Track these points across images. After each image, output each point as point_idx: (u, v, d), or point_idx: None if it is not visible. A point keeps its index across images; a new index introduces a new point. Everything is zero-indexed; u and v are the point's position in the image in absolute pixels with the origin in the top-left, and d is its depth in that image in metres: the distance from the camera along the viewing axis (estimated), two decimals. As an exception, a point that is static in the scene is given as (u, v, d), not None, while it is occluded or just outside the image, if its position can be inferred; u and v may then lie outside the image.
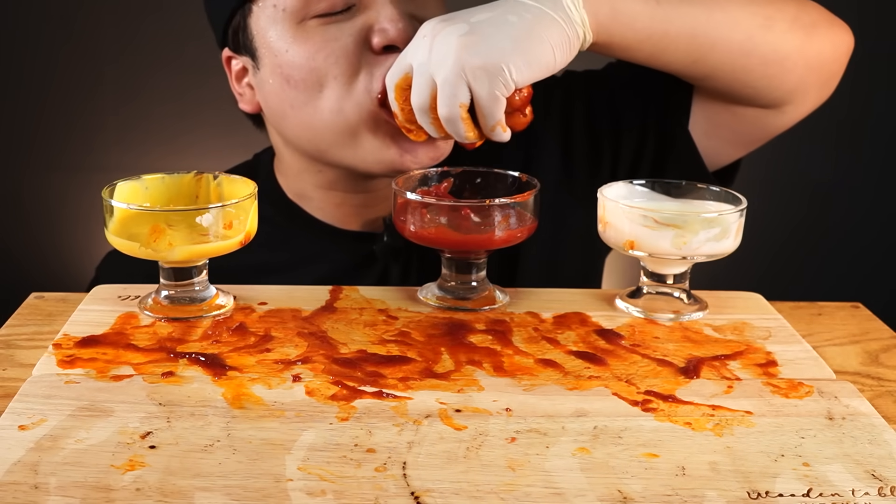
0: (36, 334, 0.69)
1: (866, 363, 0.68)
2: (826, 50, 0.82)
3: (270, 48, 0.84)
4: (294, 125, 0.87)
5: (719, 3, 0.79)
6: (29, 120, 1.82)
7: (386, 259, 0.91)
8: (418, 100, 0.74)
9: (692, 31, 0.78)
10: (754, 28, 0.79)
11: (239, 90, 0.92)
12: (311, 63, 0.82)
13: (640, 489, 0.50)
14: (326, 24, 0.82)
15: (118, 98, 1.82)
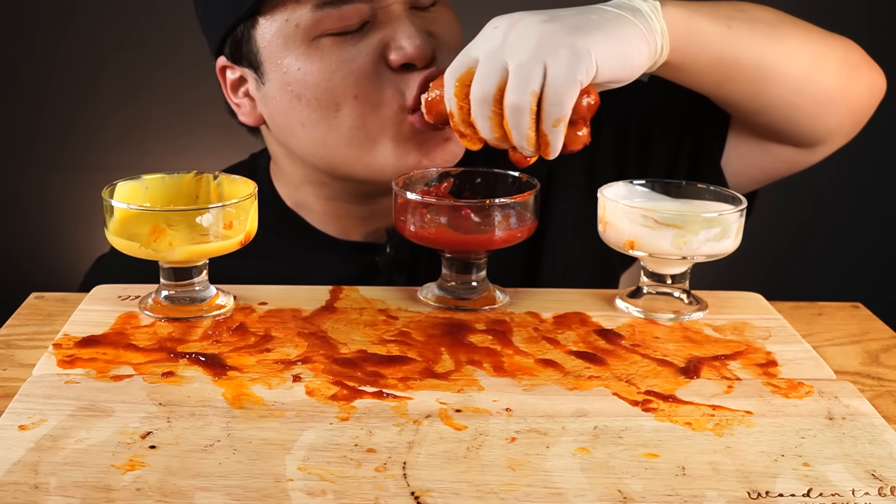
0: (36, 334, 0.69)
1: (866, 363, 0.68)
2: (864, 93, 0.82)
3: (279, 64, 0.82)
4: (304, 142, 0.85)
5: (781, 36, 0.78)
6: (29, 120, 1.82)
7: (389, 271, 0.90)
8: (482, 88, 0.68)
9: (759, 61, 0.77)
10: (810, 65, 0.78)
11: (236, 101, 0.89)
12: (326, 83, 0.80)
13: (640, 489, 0.50)
14: (340, 43, 0.80)
15: (118, 98, 1.82)
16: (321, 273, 0.90)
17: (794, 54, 0.77)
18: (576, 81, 0.65)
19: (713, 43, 0.74)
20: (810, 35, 0.79)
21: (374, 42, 0.81)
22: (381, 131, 0.82)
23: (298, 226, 0.93)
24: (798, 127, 0.82)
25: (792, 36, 0.78)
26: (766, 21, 0.78)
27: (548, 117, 0.66)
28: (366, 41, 0.81)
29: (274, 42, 0.82)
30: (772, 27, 0.77)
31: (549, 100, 0.66)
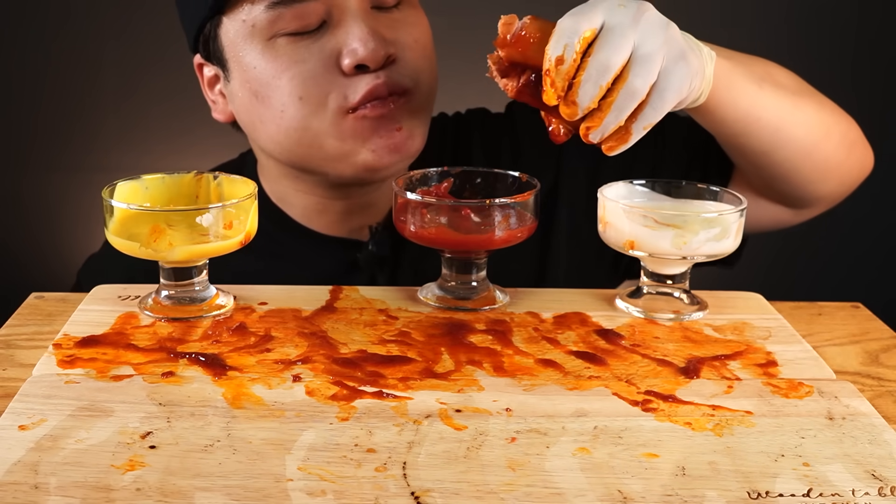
0: (36, 334, 0.69)
1: (866, 363, 0.68)
2: (856, 167, 0.86)
3: (240, 62, 0.84)
4: (264, 138, 0.87)
5: (799, 104, 0.80)
6: (29, 120, 1.82)
7: (370, 268, 0.91)
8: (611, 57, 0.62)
9: (777, 123, 0.79)
10: (819, 134, 0.81)
11: (212, 97, 0.92)
12: (276, 82, 0.82)
13: (640, 489, 0.50)
14: (296, 43, 0.81)
15: (118, 98, 1.82)
16: (303, 268, 0.91)
17: (808, 122, 0.80)
18: (681, 94, 0.65)
19: (745, 99, 0.76)
20: (823, 107, 0.83)
21: (328, 47, 0.81)
22: (323, 132, 0.83)
23: (282, 220, 0.94)
24: (795, 188, 0.85)
25: (808, 105, 0.81)
26: (789, 87, 0.81)
27: (643, 117, 0.64)
28: (320, 43, 0.81)
29: (235, 41, 0.84)
30: (793, 94, 0.80)
31: (652, 102, 0.64)
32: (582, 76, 0.62)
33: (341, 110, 0.81)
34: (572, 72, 0.62)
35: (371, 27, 0.81)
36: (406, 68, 0.83)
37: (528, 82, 0.65)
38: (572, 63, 0.62)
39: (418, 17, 0.87)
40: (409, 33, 0.84)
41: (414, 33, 0.85)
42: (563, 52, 0.62)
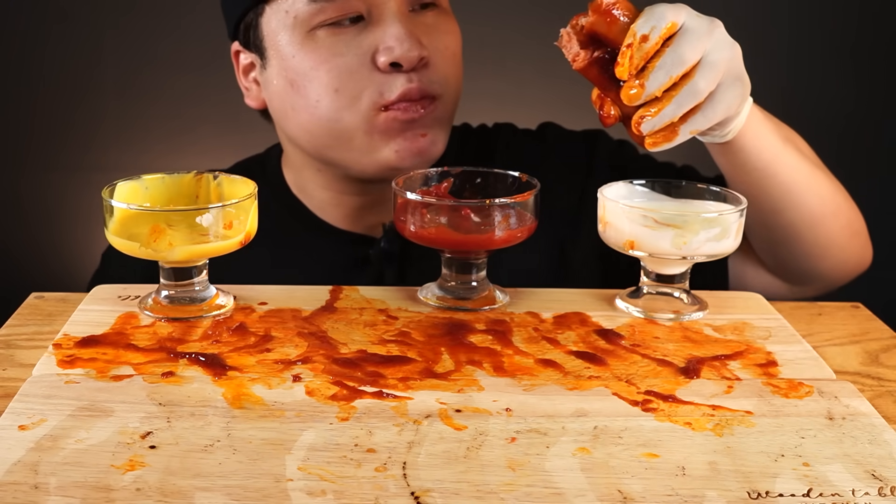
0: (36, 334, 0.69)
1: (866, 363, 0.68)
2: (854, 256, 0.87)
3: (279, 51, 0.87)
4: (294, 127, 0.90)
5: (816, 174, 0.82)
6: (28, 119, 1.82)
7: (380, 264, 0.92)
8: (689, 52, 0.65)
9: (792, 185, 0.80)
10: (827, 210, 0.82)
11: (245, 84, 0.95)
12: (314, 73, 0.85)
13: (640, 489, 0.50)
14: (335, 35, 0.85)
15: (117, 97, 1.82)
16: (315, 259, 0.94)
17: (820, 194, 0.82)
18: (730, 110, 0.68)
19: (768, 150, 0.78)
20: (836, 187, 0.84)
21: (367, 41, 0.84)
22: (354, 126, 0.86)
23: (300, 212, 0.97)
24: (795, 258, 0.85)
25: (823, 179, 0.83)
26: (808, 157, 0.83)
27: (693, 121, 0.67)
28: (358, 39, 0.85)
29: (276, 30, 0.87)
30: (812, 164, 0.82)
31: (704, 109, 0.67)
32: (657, 62, 0.65)
33: (375, 106, 0.85)
34: (651, 53, 0.65)
35: (408, 28, 0.84)
36: (436, 74, 0.86)
37: (600, 57, 0.67)
38: (654, 45, 0.65)
39: (451, 24, 0.90)
40: (441, 40, 0.88)
41: (445, 40, 0.88)
42: (649, 31, 0.64)
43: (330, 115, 0.86)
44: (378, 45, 0.84)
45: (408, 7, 0.86)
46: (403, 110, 0.85)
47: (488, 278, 0.76)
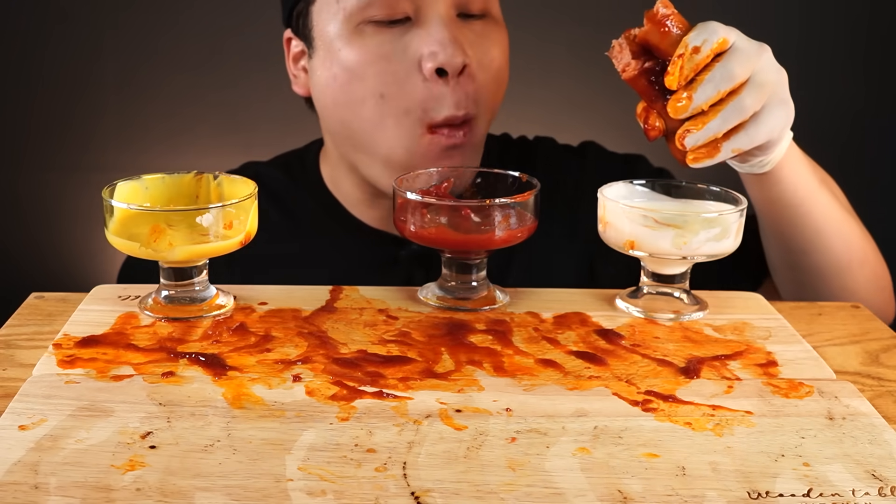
0: (36, 334, 0.69)
1: (866, 363, 0.68)
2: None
3: (326, 42, 0.87)
4: (333, 120, 0.90)
5: (848, 220, 0.83)
6: (27, 119, 1.82)
7: (410, 266, 0.93)
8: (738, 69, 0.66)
9: (823, 226, 0.81)
10: (856, 258, 0.83)
11: (294, 72, 0.96)
12: (361, 72, 0.85)
13: (640, 489, 0.50)
14: (381, 34, 0.85)
15: (117, 97, 1.82)
16: (343, 256, 0.94)
17: (849, 240, 0.83)
18: (772, 133, 0.69)
19: (804, 187, 0.79)
20: (866, 238, 0.85)
21: (412, 44, 0.84)
22: (397, 137, 0.86)
23: (333, 208, 0.97)
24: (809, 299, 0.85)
25: (854, 226, 0.84)
26: (842, 202, 0.84)
27: (735, 139, 0.68)
28: (404, 40, 0.84)
29: (325, 21, 0.87)
30: (844, 210, 0.83)
31: (748, 129, 0.68)
32: (706, 76, 0.66)
33: (421, 124, 0.85)
34: (702, 65, 0.66)
35: (452, 33, 0.84)
36: (478, 91, 0.86)
37: (650, 68, 0.68)
38: (705, 57, 0.66)
39: (500, 35, 0.90)
40: (488, 51, 0.87)
41: (492, 52, 0.88)
42: (701, 44, 0.66)
43: (374, 117, 0.86)
44: (423, 49, 0.83)
45: (455, 11, 0.85)
46: (447, 136, 0.85)
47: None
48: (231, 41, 1.77)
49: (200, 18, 1.76)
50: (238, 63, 1.77)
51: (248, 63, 1.76)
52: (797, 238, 0.81)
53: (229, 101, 1.79)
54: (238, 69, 1.77)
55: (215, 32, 1.76)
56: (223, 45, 1.77)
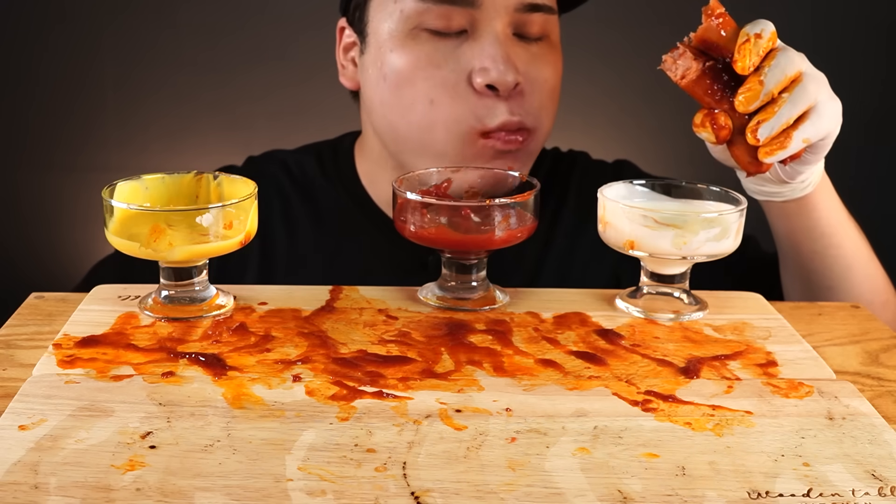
0: (36, 334, 0.69)
1: (866, 363, 0.68)
2: None
3: (378, 41, 0.87)
4: (380, 121, 0.90)
5: (873, 258, 0.84)
6: (28, 119, 1.82)
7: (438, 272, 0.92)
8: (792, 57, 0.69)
9: (851, 263, 0.82)
10: (878, 301, 0.84)
11: (342, 61, 0.95)
12: (411, 76, 0.85)
13: (640, 489, 0.50)
14: (435, 42, 0.84)
15: (117, 97, 1.82)
16: (376, 255, 0.93)
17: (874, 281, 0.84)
18: (831, 125, 0.71)
19: (835, 217, 0.81)
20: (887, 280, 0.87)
21: (465, 56, 0.84)
22: (448, 144, 0.85)
23: (365, 203, 0.96)
24: None
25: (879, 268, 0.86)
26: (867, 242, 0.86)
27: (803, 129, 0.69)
28: (457, 53, 0.84)
29: (380, 19, 0.87)
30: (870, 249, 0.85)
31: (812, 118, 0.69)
32: (771, 62, 0.68)
33: (474, 131, 0.84)
34: (767, 50, 0.68)
35: (506, 52, 0.83)
36: (532, 106, 0.86)
37: (712, 66, 0.69)
38: (767, 41, 0.68)
39: (555, 57, 0.89)
40: (542, 71, 0.87)
41: (546, 72, 0.87)
42: (760, 31, 0.67)
43: (423, 122, 0.85)
44: (474, 63, 0.83)
45: (512, 30, 0.85)
46: (504, 141, 0.85)
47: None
48: (231, 41, 1.77)
49: (200, 18, 1.76)
50: (238, 63, 1.77)
51: (248, 63, 1.76)
52: (826, 273, 0.82)
53: (229, 101, 1.79)
54: (238, 69, 1.77)
55: (215, 32, 1.76)
56: (223, 44, 1.77)
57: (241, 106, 1.79)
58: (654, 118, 1.82)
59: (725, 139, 0.71)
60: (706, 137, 0.71)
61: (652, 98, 1.83)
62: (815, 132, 0.70)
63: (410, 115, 0.86)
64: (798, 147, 0.70)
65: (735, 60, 0.68)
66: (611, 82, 1.82)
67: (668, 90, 0.80)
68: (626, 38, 1.79)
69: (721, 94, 0.70)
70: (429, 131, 0.85)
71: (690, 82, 0.70)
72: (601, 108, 1.84)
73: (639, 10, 1.79)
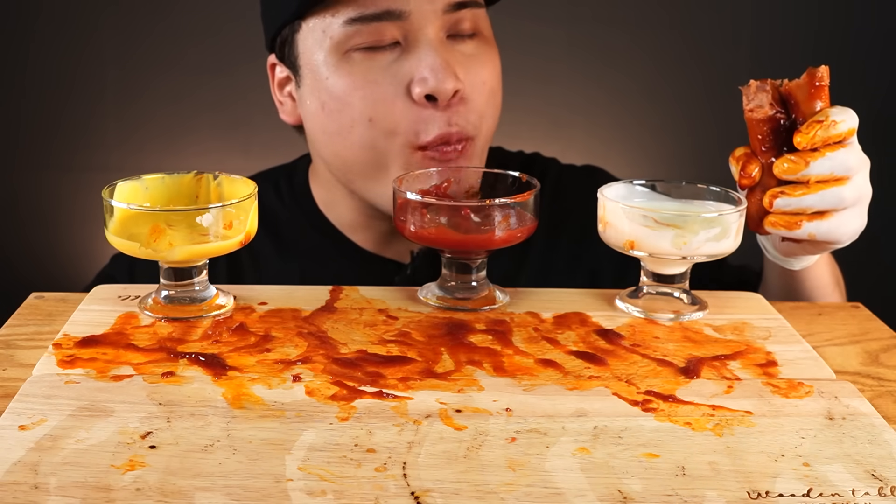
0: (36, 334, 0.69)
1: (866, 363, 0.68)
2: None
3: (313, 71, 0.85)
4: (325, 150, 0.88)
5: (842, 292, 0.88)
6: (26, 119, 1.82)
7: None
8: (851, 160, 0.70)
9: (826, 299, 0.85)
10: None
11: (280, 98, 0.93)
12: (347, 98, 0.83)
13: (640, 489, 0.50)
14: (370, 60, 0.83)
15: (118, 98, 1.82)
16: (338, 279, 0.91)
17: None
18: (845, 236, 0.72)
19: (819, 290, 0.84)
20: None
21: (402, 69, 0.82)
22: (390, 160, 0.84)
23: (325, 228, 0.95)
24: None
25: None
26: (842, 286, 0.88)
27: (816, 225, 0.70)
28: (394, 67, 0.82)
29: (311, 50, 0.84)
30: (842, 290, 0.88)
31: (830, 220, 0.70)
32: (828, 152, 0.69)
33: (411, 145, 0.83)
34: (833, 140, 0.69)
35: (443, 58, 0.81)
36: (473, 112, 0.84)
37: (778, 119, 0.71)
38: (837, 134, 0.69)
39: (491, 54, 0.87)
40: (480, 73, 0.85)
41: (483, 73, 0.85)
42: (840, 121, 0.68)
43: (364, 142, 0.84)
44: (412, 74, 0.81)
45: (445, 33, 0.83)
46: (441, 154, 0.83)
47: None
48: (231, 41, 1.77)
49: (201, 18, 1.76)
50: (238, 63, 1.77)
51: (248, 63, 1.76)
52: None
53: (229, 102, 1.79)
54: (238, 69, 1.77)
55: (215, 32, 1.76)
56: (223, 44, 1.77)
57: (241, 106, 1.79)
58: (656, 118, 1.83)
59: (746, 188, 0.73)
60: (732, 172, 0.73)
61: (654, 98, 1.83)
62: (826, 235, 0.71)
63: (351, 136, 0.84)
64: (802, 236, 0.71)
65: (799, 131, 0.69)
66: (613, 82, 1.82)
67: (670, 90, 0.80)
68: (629, 39, 1.79)
69: (769, 147, 0.71)
70: (371, 150, 0.84)
71: (753, 118, 0.71)
72: (603, 107, 1.84)
73: (640, 11, 1.79)
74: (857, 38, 1.78)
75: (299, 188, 0.98)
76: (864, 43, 1.79)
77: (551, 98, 1.80)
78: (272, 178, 1.01)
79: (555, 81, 1.81)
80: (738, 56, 1.79)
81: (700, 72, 1.80)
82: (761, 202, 0.71)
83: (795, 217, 0.70)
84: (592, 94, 1.83)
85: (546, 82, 1.79)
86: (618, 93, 1.83)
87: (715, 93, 1.79)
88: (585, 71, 1.81)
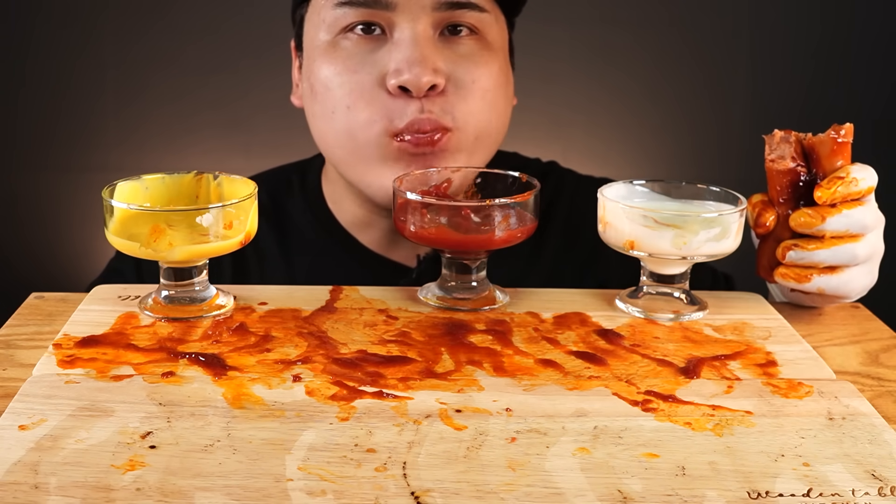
0: (36, 334, 0.69)
1: (866, 363, 0.68)
2: None
3: (308, 53, 0.87)
4: (316, 133, 0.89)
5: None
6: (26, 119, 1.82)
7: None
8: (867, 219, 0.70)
9: None
10: None
11: (296, 80, 0.95)
12: (329, 83, 0.84)
13: (640, 489, 0.50)
14: (355, 47, 0.83)
15: (118, 98, 1.82)
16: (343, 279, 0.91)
17: None
18: (854, 293, 0.73)
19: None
20: None
21: (381, 60, 0.82)
22: (367, 149, 0.84)
23: (331, 226, 0.95)
24: None
25: None
26: None
27: (826, 280, 0.71)
28: (374, 56, 0.83)
29: (310, 32, 0.87)
30: None
31: (841, 276, 0.71)
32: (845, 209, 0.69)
33: (386, 133, 0.82)
34: (852, 197, 0.69)
35: (422, 53, 0.80)
36: (451, 105, 0.82)
37: (799, 173, 0.72)
38: (857, 192, 0.69)
39: (489, 57, 0.85)
40: (469, 71, 0.83)
41: (475, 73, 0.83)
42: (860, 179, 0.69)
43: (343, 128, 0.84)
44: (389, 66, 0.81)
45: (436, 30, 0.83)
46: (414, 143, 0.81)
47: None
48: (232, 41, 1.77)
49: (201, 18, 1.76)
50: (239, 63, 1.78)
51: (249, 63, 1.77)
52: None
53: (229, 101, 1.80)
54: (239, 69, 1.78)
55: (216, 32, 1.77)
56: (224, 44, 1.77)
57: (242, 106, 1.79)
58: (657, 117, 1.83)
59: (759, 236, 0.74)
60: (748, 218, 0.73)
61: (655, 98, 1.83)
62: (835, 290, 0.71)
63: (334, 122, 0.84)
64: (812, 289, 0.72)
65: (820, 186, 0.69)
66: (614, 82, 1.83)
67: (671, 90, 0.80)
68: (630, 39, 1.79)
69: (787, 199, 0.72)
70: (350, 138, 0.84)
71: (774, 169, 0.72)
72: (604, 106, 1.84)
73: (641, 10, 1.79)
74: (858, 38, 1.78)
75: (311, 185, 0.98)
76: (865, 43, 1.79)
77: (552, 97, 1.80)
78: (285, 174, 1.01)
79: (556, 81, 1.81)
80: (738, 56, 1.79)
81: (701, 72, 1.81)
82: (773, 252, 0.72)
83: (807, 270, 0.71)
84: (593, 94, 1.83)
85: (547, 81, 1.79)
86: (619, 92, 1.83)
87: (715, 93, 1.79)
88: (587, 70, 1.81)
